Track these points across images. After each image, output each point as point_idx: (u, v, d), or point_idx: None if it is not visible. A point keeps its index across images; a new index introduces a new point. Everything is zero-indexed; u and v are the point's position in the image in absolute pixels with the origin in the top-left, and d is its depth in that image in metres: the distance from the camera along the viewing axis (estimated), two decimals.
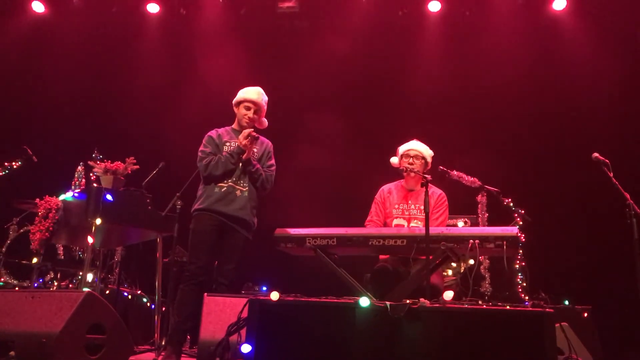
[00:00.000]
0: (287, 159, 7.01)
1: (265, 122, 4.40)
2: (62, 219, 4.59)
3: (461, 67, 7.10)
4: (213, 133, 4.33)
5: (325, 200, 6.85)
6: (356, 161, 6.95)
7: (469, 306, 2.74)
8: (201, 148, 4.26)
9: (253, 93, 4.31)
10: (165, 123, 7.09)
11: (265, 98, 4.36)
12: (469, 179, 5.44)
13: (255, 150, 4.25)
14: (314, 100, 7.15)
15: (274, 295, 2.89)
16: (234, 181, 4.15)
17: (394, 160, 4.38)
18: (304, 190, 6.94)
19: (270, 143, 4.41)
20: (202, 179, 4.23)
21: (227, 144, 4.24)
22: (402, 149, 4.38)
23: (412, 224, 4.20)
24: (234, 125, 4.37)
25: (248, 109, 4.27)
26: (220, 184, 4.13)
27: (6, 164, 5.82)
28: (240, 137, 4.12)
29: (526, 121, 6.88)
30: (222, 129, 4.37)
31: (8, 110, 7.29)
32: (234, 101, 4.37)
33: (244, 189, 4.16)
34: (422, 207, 4.12)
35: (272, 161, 4.37)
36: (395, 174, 4.48)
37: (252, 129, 4.19)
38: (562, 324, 3.44)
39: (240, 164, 4.15)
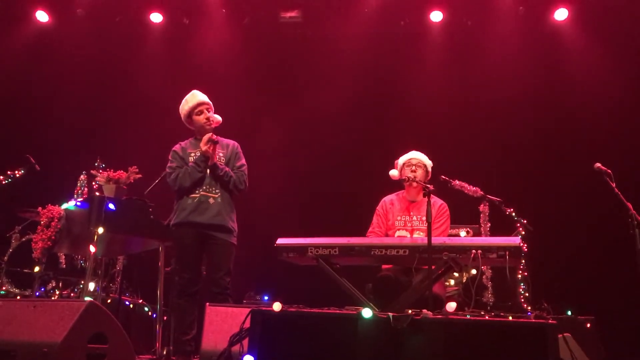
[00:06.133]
0: (289, 167, 7.07)
1: (218, 117, 4.33)
2: (64, 227, 4.59)
3: (463, 77, 7.12)
4: (177, 147, 4.32)
5: (326, 210, 6.84)
6: (357, 171, 6.95)
7: (472, 317, 2.72)
8: (168, 164, 4.26)
9: (195, 97, 4.29)
10: (167, 132, 7.08)
11: (205, 95, 4.33)
12: (470, 189, 5.43)
13: (221, 154, 4.24)
14: (316, 110, 7.16)
15: (277, 306, 2.88)
16: (205, 189, 4.12)
17: (394, 172, 4.29)
18: (305, 199, 6.94)
19: (236, 144, 4.38)
20: (175, 193, 4.22)
21: (192, 154, 4.22)
22: (402, 159, 4.34)
23: (414, 236, 4.17)
24: (197, 135, 4.31)
25: (200, 113, 4.25)
26: (192, 195, 4.12)
27: (9, 172, 5.85)
28: (201, 143, 4.12)
29: (528, 131, 6.89)
30: (185, 141, 4.36)
31: (11, 118, 7.32)
32: (183, 117, 4.32)
33: (217, 196, 4.14)
34: (424, 218, 4.11)
35: (242, 161, 4.32)
36: (396, 185, 4.46)
37: (212, 133, 4.16)
38: (565, 335, 3.42)
39: (208, 171, 4.13)
